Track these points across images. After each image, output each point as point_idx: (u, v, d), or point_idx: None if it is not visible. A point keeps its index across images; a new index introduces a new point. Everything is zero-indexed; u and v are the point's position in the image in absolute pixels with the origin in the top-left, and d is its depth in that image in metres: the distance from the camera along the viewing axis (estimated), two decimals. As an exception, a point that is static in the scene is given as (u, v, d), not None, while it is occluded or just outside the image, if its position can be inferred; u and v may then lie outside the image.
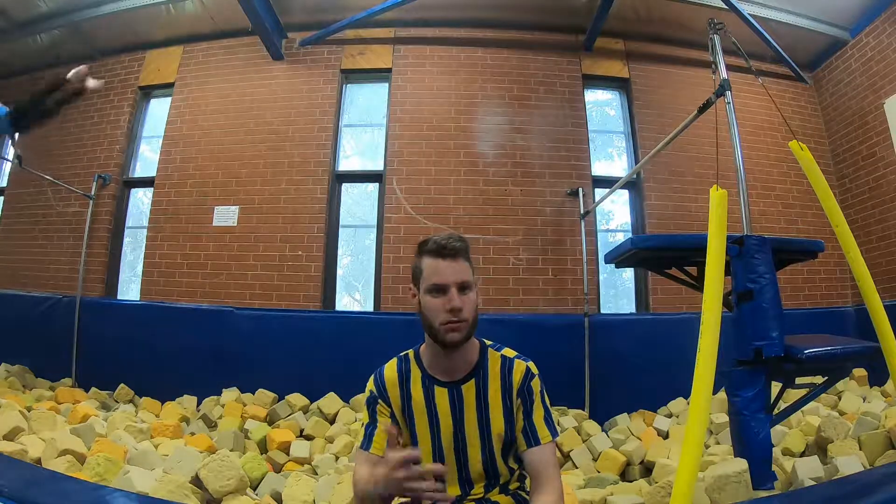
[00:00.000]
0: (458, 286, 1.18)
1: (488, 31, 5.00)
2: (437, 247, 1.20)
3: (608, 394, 3.95)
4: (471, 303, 1.20)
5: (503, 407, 1.24)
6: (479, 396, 1.25)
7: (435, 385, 1.26)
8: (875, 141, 4.64)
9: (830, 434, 2.51)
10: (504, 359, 1.28)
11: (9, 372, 4.12)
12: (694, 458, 1.64)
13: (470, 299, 1.20)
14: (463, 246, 1.22)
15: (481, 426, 1.24)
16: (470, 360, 1.27)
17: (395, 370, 1.31)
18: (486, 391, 1.25)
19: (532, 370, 1.27)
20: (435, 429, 1.26)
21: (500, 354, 1.29)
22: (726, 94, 2.34)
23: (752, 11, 4.59)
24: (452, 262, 1.20)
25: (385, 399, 1.29)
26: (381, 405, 1.29)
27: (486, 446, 1.24)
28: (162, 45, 5.19)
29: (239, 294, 4.41)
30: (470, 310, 1.20)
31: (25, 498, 1.48)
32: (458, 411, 1.25)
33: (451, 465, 1.26)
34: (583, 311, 4.18)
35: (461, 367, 1.26)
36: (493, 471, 1.26)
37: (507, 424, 1.24)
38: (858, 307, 4.36)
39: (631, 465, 2.92)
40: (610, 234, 5.03)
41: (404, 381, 1.29)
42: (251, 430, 3.27)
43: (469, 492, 1.26)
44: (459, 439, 1.25)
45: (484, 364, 1.27)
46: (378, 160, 4.85)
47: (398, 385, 1.29)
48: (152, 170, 4.94)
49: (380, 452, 1.23)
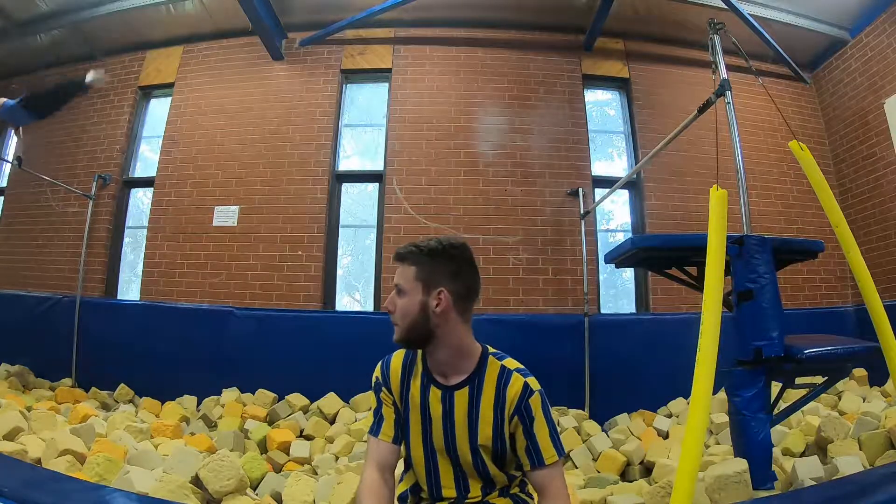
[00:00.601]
0: (396, 289, 1.25)
1: (488, 31, 5.00)
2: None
3: (608, 394, 3.95)
4: (400, 307, 1.22)
5: (493, 419, 1.22)
6: (471, 404, 1.23)
7: (431, 385, 1.26)
8: (875, 141, 4.64)
9: (830, 434, 2.51)
10: (503, 370, 1.24)
11: (9, 372, 4.11)
12: (694, 458, 1.64)
13: (400, 303, 1.22)
14: (409, 251, 1.24)
15: (471, 435, 1.23)
16: (465, 366, 1.25)
17: (401, 362, 1.32)
18: (478, 400, 1.23)
19: (531, 386, 1.21)
20: (427, 428, 1.26)
21: (500, 364, 1.25)
22: (726, 94, 2.34)
23: (752, 11, 4.59)
24: (398, 266, 1.26)
25: (388, 387, 1.31)
26: (384, 392, 1.31)
27: (476, 454, 1.23)
28: (162, 45, 5.19)
29: (239, 294, 4.41)
30: (399, 315, 1.22)
31: (25, 498, 1.48)
32: (448, 416, 1.24)
33: (445, 465, 1.26)
34: (583, 311, 4.18)
35: (455, 372, 1.25)
36: (487, 476, 1.24)
37: (495, 437, 1.21)
38: (858, 307, 4.36)
39: (631, 465, 2.92)
40: (610, 234, 5.03)
41: (407, 374, 1.30)
42: (251, 430, 3.27)
43: (466, 494, 1.25)
44: (450, 443, 1.24)
45: (481, 372, 1.24)
46: (378, 160, 4.85)
47: (400, 377, 1.30)
48: (152, 170, 4.94)
49: (387, 439, 1.28)
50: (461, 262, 1.25)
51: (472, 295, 1.26)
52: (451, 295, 1.21)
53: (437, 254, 1.23)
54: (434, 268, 1.22)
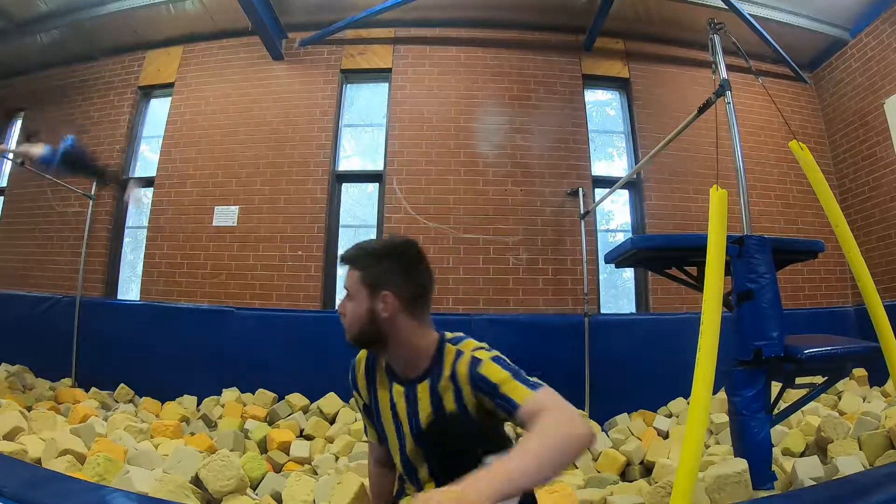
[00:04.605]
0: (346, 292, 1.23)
1: (488, 31, 5.00)
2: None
3: (608, 394, 3.95)
4: (349, 312, 1.20)
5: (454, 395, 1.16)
6: (432, 393, 1.18)
7: (394, 382, 1.25)
8: (875, 141, 4.64)
9: (830, 434, 2.51)
10: (458, 353, 1.18)
11: (9, 372, 4.11)
12: (694, 458, 1.65)
13: (349, 307, 1.20)
14: (354, 254, 1.23)
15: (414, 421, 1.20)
16: (424, 361, 1.20)
17: (364, 363, 1.32)
18: (437, 386, 1.18)
19: (477, 356, 1.14)
20: (399, 424, 1.24)
21: (455, 348, 1.19)
22: (726, 94, 2.34)
23: (752, 11, 4.59)
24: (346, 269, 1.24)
25: (357, 390, 1.31)
26: (356, 395, 1.32)
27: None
28: (162, 45, 5.19)
29: (239, 294, 4.41)
30: (349, 320, 1.20)
31: (25, 498, 1.48)
32: (414, 409, 1.21)
33: (418, 459, 1.23)
34: (583, 311, 4.18)
35: (414, 367, 1.21)
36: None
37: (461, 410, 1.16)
38: (858, 307, 4.36)
39: (631, 465, 2.92)
40: (610, 234, 5.03)
41: (371, 374, 1.29)
42: (251, 430, 3.27)
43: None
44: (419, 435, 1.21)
45: (440, 361, 1.19)
46: (378, 160, 4.85)
47: (366, 378, 1.30)
48: (152, 170, 4.94)
49: (374, 440, 1.37)
50: (408, 262, 1.21)
51: (423, 294, 1.22)
52: (399, 297, 1.17)
53: (381, 256, 1.21)
54: (379, 270, 1.19)
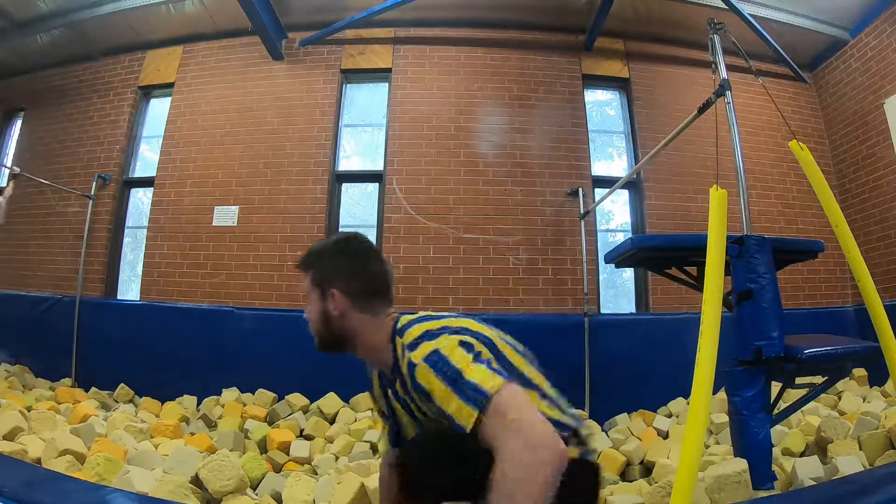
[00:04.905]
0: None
1: (488, 31, 4.99)
2: None
3: (608, 394, 3.95)
4: (310, 315, 1.21)
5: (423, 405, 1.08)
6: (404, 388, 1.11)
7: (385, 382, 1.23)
8: (875, 141, 4.64)
9: (830, 434, 2.51)
10: (403, 349, 1.08)
11: (9, 372, 4.11)
12: (694, 458, 1.64)
13: (309, 311, 1.21)
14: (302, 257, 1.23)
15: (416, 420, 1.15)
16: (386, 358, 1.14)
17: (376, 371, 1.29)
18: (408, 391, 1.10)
19: (413, 360, 1.02)
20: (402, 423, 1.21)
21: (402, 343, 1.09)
22: (726, 94, 2.34)
23: (752, 11, 4.59)
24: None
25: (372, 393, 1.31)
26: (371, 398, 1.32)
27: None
28: (162, 45, 5.19)
29: (239, 294, 4.41)
30: (311, 324, 1.21)
31: (25, 498, 1.48)
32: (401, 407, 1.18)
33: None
34: (583, 311, 4.18)
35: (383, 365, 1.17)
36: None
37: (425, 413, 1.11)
38: (858, 307, 4.36)
39: (631, 465, 2.91)
40: (610, 234, 5.03)
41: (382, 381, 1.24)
42: (251, 430, 3.27)
43: None
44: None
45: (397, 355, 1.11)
46: (378, 160, 4.85)
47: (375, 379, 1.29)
48: (152, 170, 4.93)
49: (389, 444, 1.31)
50: (354, 257, 1.19)
51: (376, 286, 1.18)
52: (348, 294, 1.15)
53: (325, 253, 1.20)
54: (325, 269, 1.18)
